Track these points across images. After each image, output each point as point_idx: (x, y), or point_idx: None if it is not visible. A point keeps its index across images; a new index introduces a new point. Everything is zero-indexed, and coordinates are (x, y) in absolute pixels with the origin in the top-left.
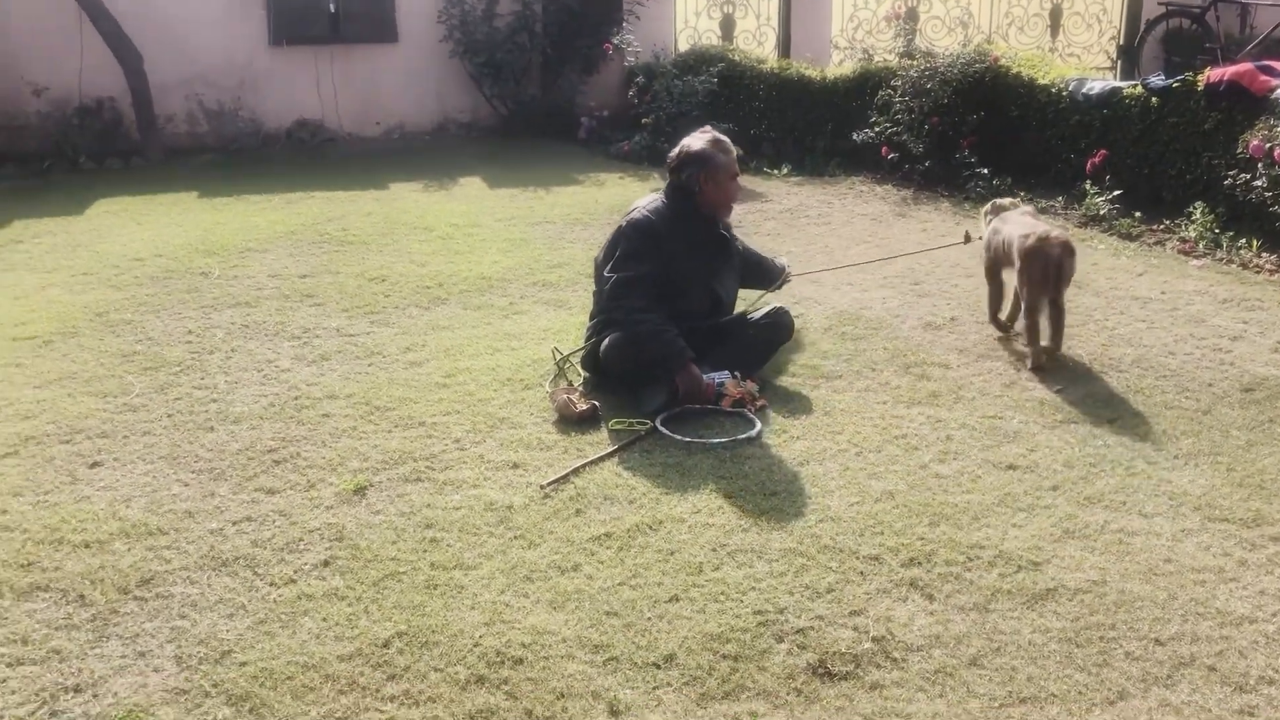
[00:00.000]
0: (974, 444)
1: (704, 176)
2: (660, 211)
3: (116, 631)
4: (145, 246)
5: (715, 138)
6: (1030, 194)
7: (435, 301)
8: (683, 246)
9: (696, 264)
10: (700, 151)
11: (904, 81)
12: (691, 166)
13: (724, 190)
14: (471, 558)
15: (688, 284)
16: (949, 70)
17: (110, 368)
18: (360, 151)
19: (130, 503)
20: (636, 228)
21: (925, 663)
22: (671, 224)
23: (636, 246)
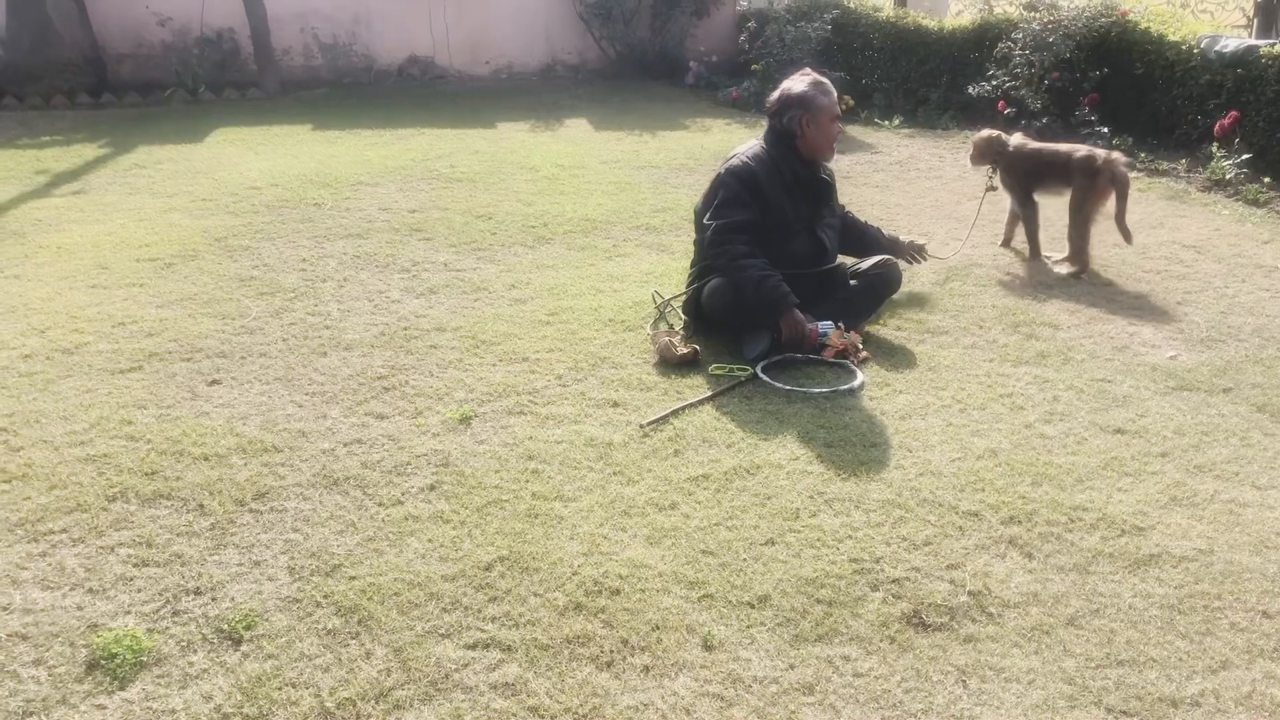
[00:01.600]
0: (1081, 406)
1: (806, 119)
2: (760, 157)
3: (234, 541)
4: (261, 176)
5: (816, 79)
6: (1152, 155)
7: (540, 241)
8: (784, 192)
9: (798, 209)
10: (802, 94)
11: (1025, 34)
12: (794, 109)
13: (825, 132)
14: (571, 490)
15: (790, 230)
16: (1073, 24)
17: (228, 291)
18: (469, 90)
19: (247, 420)
20: (735, 174)
21: (1022, 619)
22: (772, 169)
23: (736, 193)
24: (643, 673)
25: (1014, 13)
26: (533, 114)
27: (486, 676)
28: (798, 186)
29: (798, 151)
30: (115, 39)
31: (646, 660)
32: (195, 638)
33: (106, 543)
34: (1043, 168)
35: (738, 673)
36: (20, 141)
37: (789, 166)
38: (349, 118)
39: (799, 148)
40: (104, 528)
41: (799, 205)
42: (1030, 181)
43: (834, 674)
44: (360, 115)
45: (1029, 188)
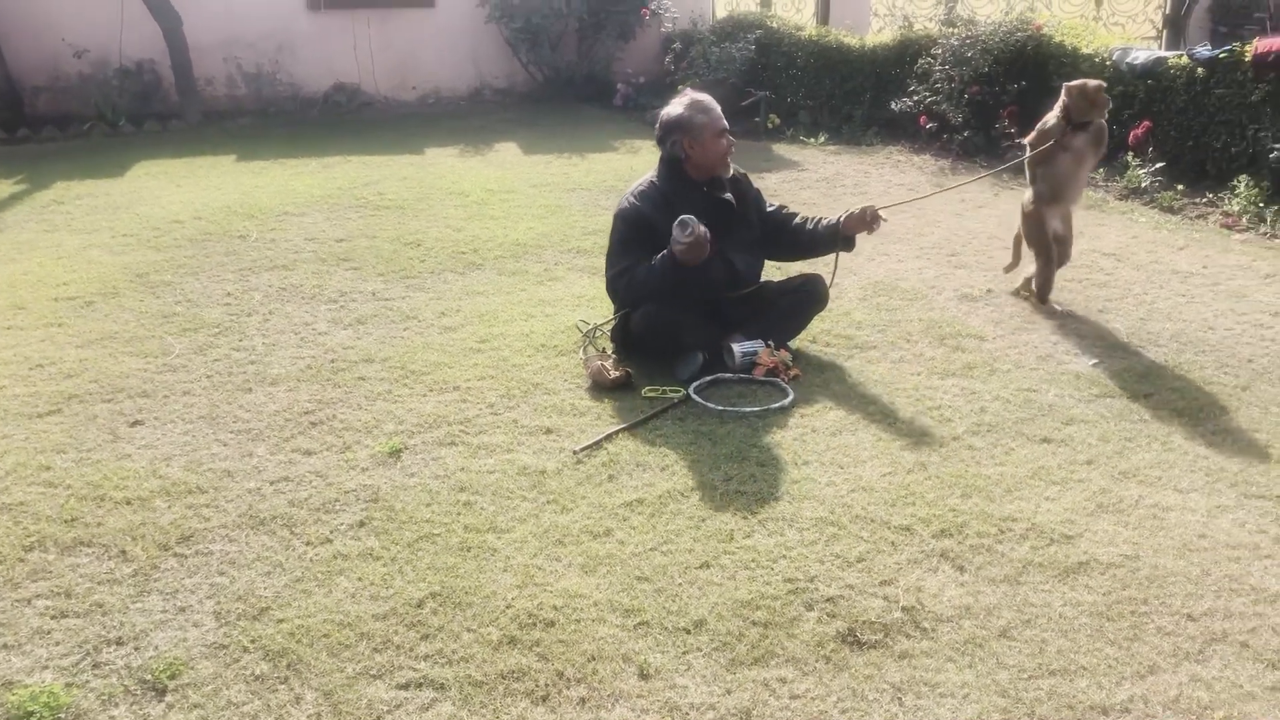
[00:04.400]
0: (1008, 416)
1: (688, 141)
2: (648, 193)
3: (157, 587)
4: (184, 208)
5: (692, 99)
6: None
7: (470, 267)
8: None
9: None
10: (679, 117)
11: (944, 50)
12: (674, 134)
13: (710, 149)
14: (505, 521)
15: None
16: (990, 39)
17: (150, 328)
18: (396, 116)
19: (170, 461)
20: (622, 218)
21: (955, 633)
22: (662, 202)
23: (624, 236)
24: (579, 705)
25: (933, 29)
26: (461, 139)
27: (420, 717)
28: (696, 211)
29: (689, 176)
30: (30, 72)
31: (582, 692)
32: (117, 690)
33: (23, 595)
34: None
35: (674, 701)
36: None
37: (683, 194)
38: (274, 147)
39: (689, 171)
40: (20, 579)
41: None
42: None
43: (771, 697)
44: (285, 144)
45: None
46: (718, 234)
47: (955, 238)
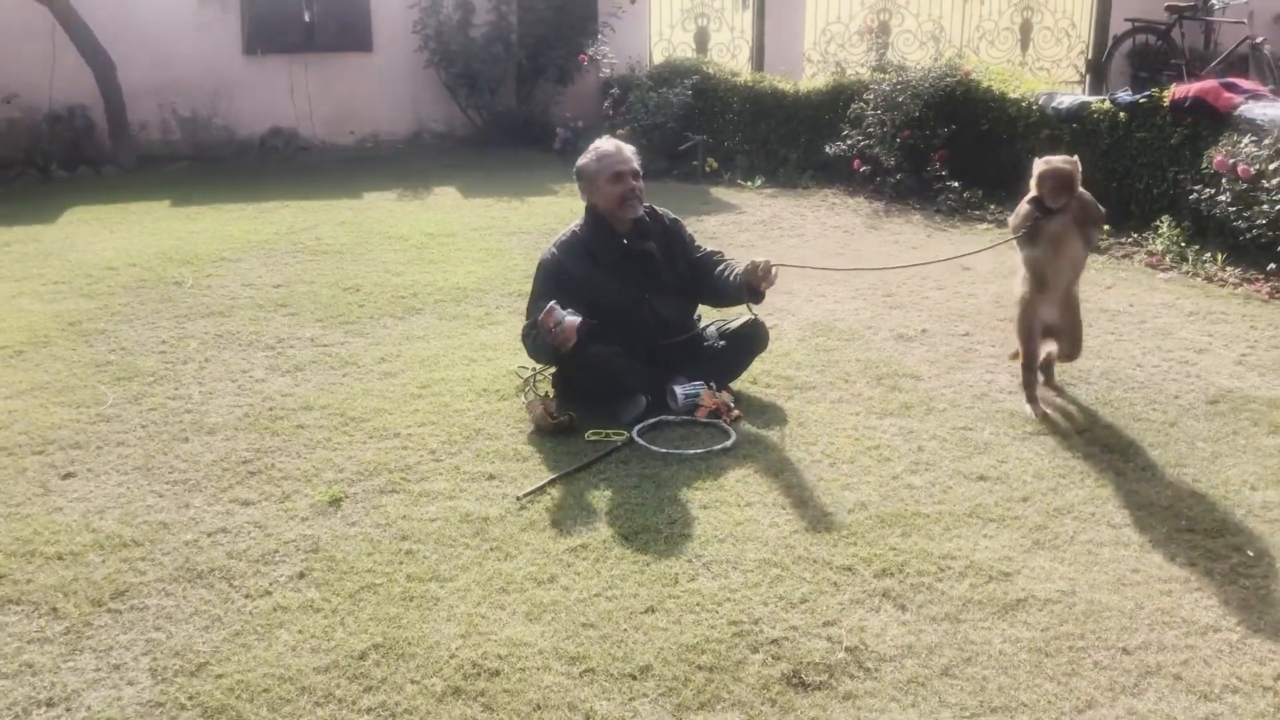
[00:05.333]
0: (945, 455)
1: (589, 189)
2: (569, 243)
3: (90, 645)
4: (118, 255)
5: (594, 145)
6: (1002, 207)
7: (410, 311)
8: (600, 270)
9: (614, 282)
10: (580, 167)
11: (876, 95)
12: (580, 183)
13: (606, 193)
14: (448, 569)
15: (617, 305)
16: (920, 84)
17: (83, 378)
18: (334, 160)
19: (104, 514)
20: (541, 267)
21: (898, 673)
22: (583, 251)
23: (539, 287)
24: None
25: (865, 75)
26: (400, 183)
27: None
28: (613, 259)
29: (607, 223)
30: None
31: None
32: None
33: None
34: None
35: None
36: None
37: (603, 243)
38: (210, 192)
39: (609, 220)
40: None
41: (614, 277)
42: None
43: None
44: (222, 189)
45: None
46: (640, 283)
47: (890, 278)
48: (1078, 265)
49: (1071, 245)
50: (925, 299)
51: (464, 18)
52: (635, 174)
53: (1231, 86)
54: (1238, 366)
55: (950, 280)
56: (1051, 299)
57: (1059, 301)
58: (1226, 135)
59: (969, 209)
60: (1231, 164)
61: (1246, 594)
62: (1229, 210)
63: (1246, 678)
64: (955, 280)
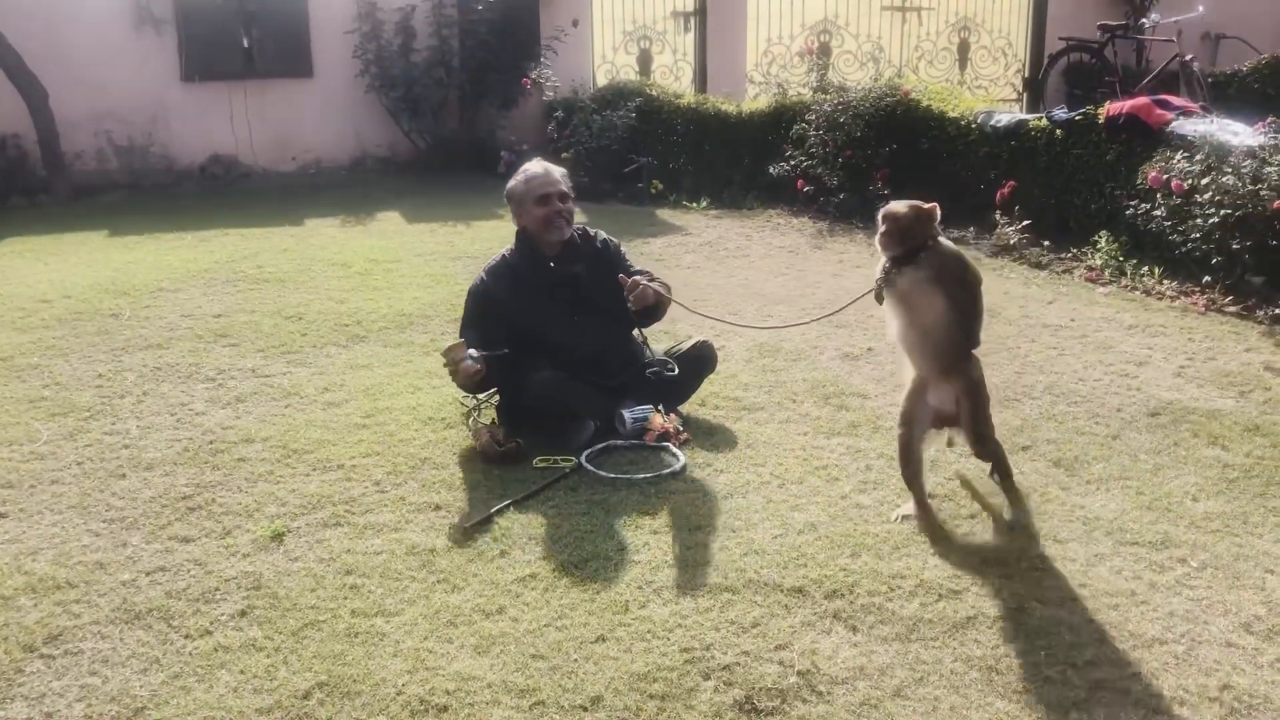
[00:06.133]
0: (893, 473)
1: (518, 212)
2: (499, 267)
3: (21, 692)
4: (52, 287)
5: (523, 168)
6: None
7: (354, 339)
8: (529, 294)
9: (540, 306)
10: (508, 190)
11: (817, 115)
12: (510, 206)
13: (531, 215)
14: (393, 604)
15: (545, 329)
16: (861, 104)
17: (15, 414)
18: (276, 187)
19: (37, 555)
20: (470, 295)
21: (850, 695)
22: (510, 276)
23: (468, 313)
24: None
25: (807, 95)
26: (343, 208)
27: None
28: (541, 284)
29: (536, 247)
30: None
31: None
32: None
33: None
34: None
35: None
36: None
37: (531, 268)
38: (148, 221)
39: (533, 241)
40: None
41: (551, 303)
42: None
43: None
44: (160, 218)
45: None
46: (568, 307)
47: (835, 299)
48: (939, 334)
49: (924, 308)
50: (870, 318)
51: (405, 42)
52: (563, 196)
53: (1163, 104)
54: (1176, 379)
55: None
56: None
57: (941, 381)
58: (1160, 151)
59: None
60: (1165, 179)
61: (1191, 605)
62: (1164, 225)
63: (1193, 689)
64: None
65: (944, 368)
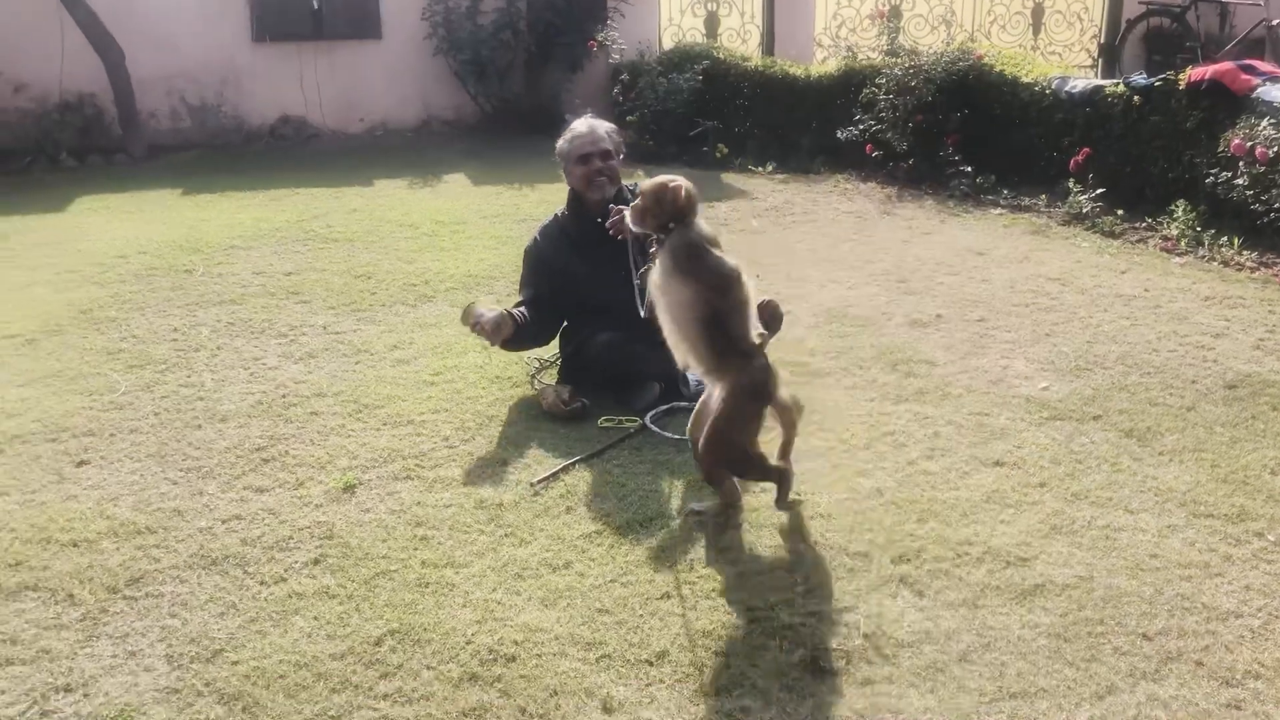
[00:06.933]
0: (961, 441)
1: (565, 171)
2: (550, 226)
3: (106, 631)
4: (129, 243)
5: (571, 126)
6: (1014, 191)
7: (422, 299)
8: (576, 252)
9: (589, 265)
10: (557, 149)
11: (888, 79)
12: (561, 166)
13: (574, 175)
14: (462, 555)
15: (595, 288)
16: (933, 68)
17: (96, 365)
18: (343, 148)
19: (118, 501)
20: (525, 253)
21: (916, 659)
22: (559, 235)
23: (523, 273)
24: None
25: (876, 59)
26: (410, 170)
27: None
28: (597, 242)
29: (583, 205)
30: None
31: None
32: None
33: None
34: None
35: None
36: None
37: (578, 226)
38: (220, 180)
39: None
40: None
41: (600, 261)
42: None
43: None
44: (232, 177)
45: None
46: (615, 265)
47: (904, 264)
48: (688, 328)
49: (670, 290)
50: (939, 284)
51: (472, 4)
52: (605, 154)
53: (1249, 69)
54: (1255, 351)
55: (964, 266)
56: (699, 373)
57: (711, 379)
58: (1244, 118)
59: (982, 194)
60: (1249, 147)
61: (1269, 579)
62: (1246, 194)
63: (1269, 663)
64: (969, 266)
65: (704, 367)
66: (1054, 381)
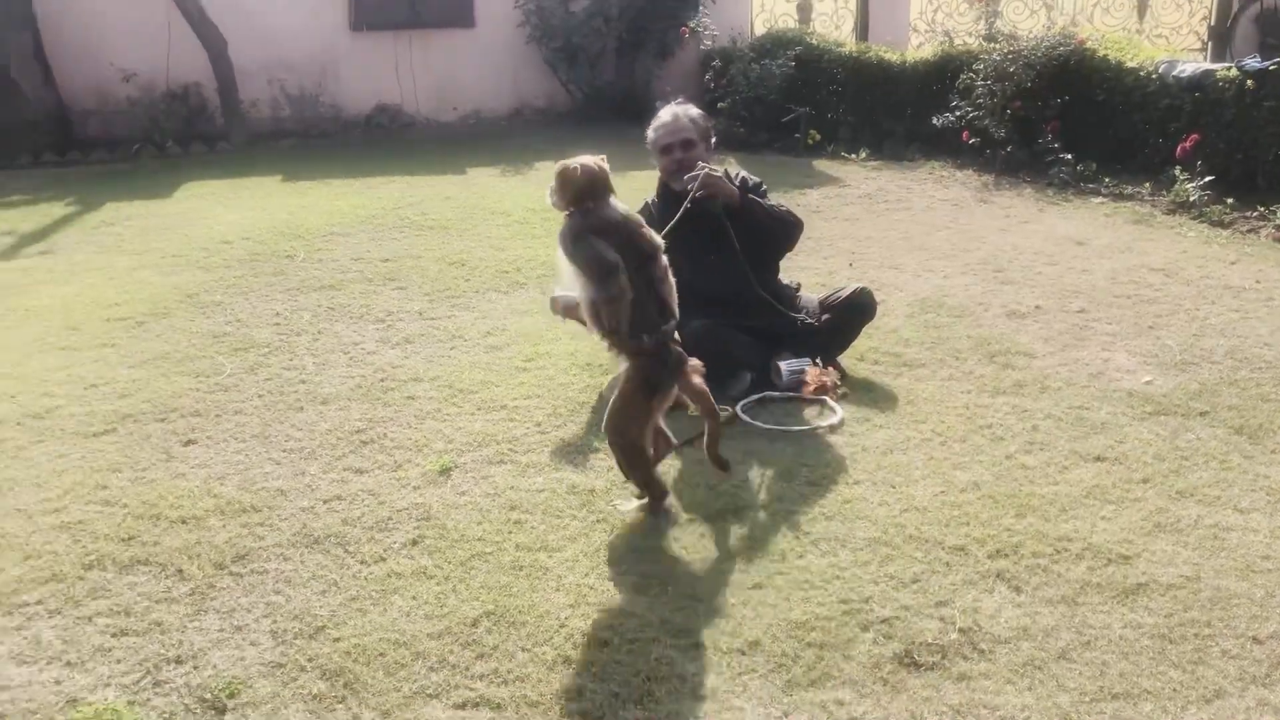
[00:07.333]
0: (1061, 435)
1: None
2: (642, 213)
3: (214, 606)
4: (232, 229)
5: (657, 114)
6: (1116, 180)
7: (514, 286)
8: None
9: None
10: (646, 138)
11: (986, 65)
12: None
13: (660, 165)
14: (555, 540)
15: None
16: (1033, 53)
17: (202, 348)
18: (437, 136)
19: (224, 480)
20: None
21: (1013, 655)
22: (655, 218)
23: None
24: None
25: (974, 44)
26: (502, 158)
27: None
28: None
29: (672, 190)
30: (80, 96)
31: (639, 714)
32: (177, 708)
33: (84, 613)
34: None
35: None
36: None
37: (669, 209)
38: (318, 168)
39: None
40: (81, 597)
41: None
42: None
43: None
44: (330, 165)
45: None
46: (704, 249)
47: (1001, 254)
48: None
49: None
50: (1037, 274)
51: None
52: (686, 144)
53: None
54: None
55: (1063, 255)
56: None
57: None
58: None
59: (1082, 182)
60: None
61: None
62: None
63: None
64: (1069, 255)
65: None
66: (1158, 375)
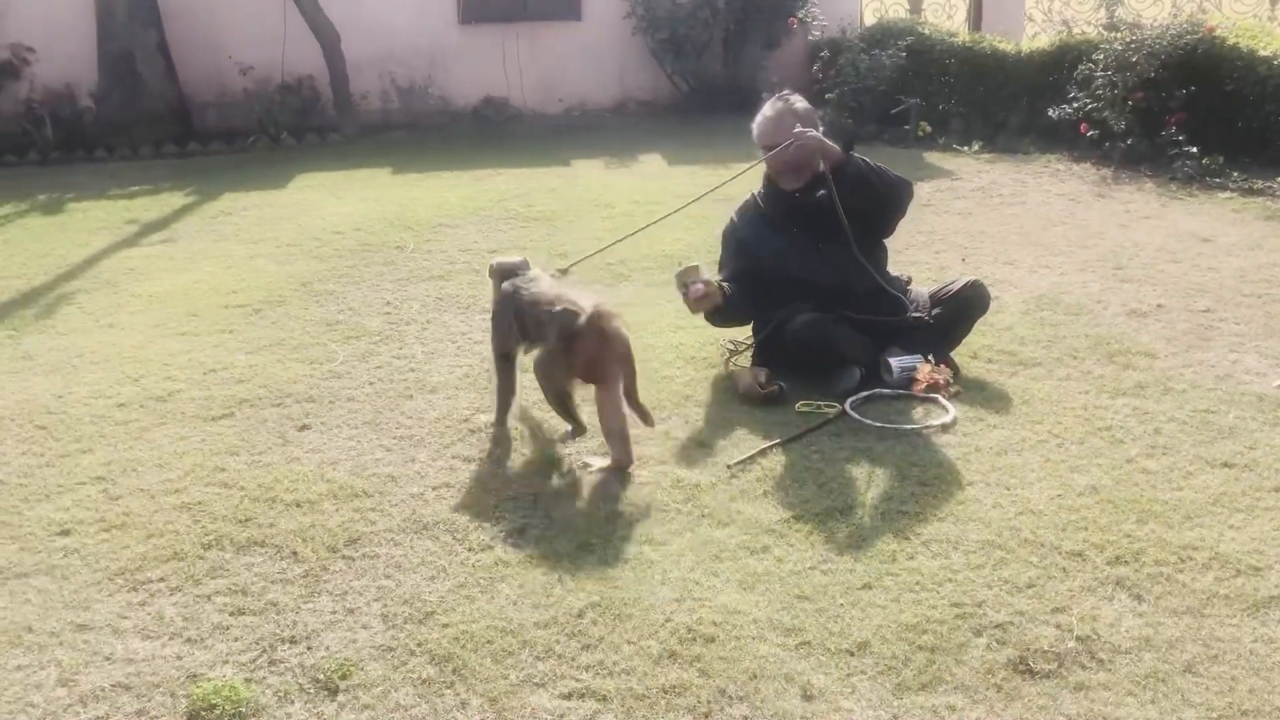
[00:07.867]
0: (1185, 439)
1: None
2: (748, 205)
3: (327, 588)
4: (344, 220)
5: (763, 108)
6: (1246, 174)
7: (618, 278)
8: (772, 230)
9: (787, 240)
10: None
11: (1106, 55)
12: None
13: (768, 162)
14: (661, 534)
15: (790, 263)
16: (1157, 42)
17: (315, 335)
18: (543, 128)
19: (337, 465)
20: (723, 235)
21: (1135, 666)
22: (755, 213)
23: (721, 255)
24: None
25: (1093, 33)
26: (606, 150)
27: None
28: (791, 218)
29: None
30: (199, 88)
31: (745, 711)
32: (292, 688)
33: (203, 591)
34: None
35: None
36: (111, 192)
37: (775, 203)
38: (427, 160)
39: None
40: (200, 576)
41: (798, 236)
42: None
43: None
44: (438, 157)
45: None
46: (811, 238)
47: (1121, 250)
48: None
49: None
50: (1160, 272)
51: None
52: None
53: None
54: None
55: (1187, 252)
56: None
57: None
58: None
59: (1208, 176)
60: None
61: None
62: None
63: None
64: (1193, 253)
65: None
66: None
